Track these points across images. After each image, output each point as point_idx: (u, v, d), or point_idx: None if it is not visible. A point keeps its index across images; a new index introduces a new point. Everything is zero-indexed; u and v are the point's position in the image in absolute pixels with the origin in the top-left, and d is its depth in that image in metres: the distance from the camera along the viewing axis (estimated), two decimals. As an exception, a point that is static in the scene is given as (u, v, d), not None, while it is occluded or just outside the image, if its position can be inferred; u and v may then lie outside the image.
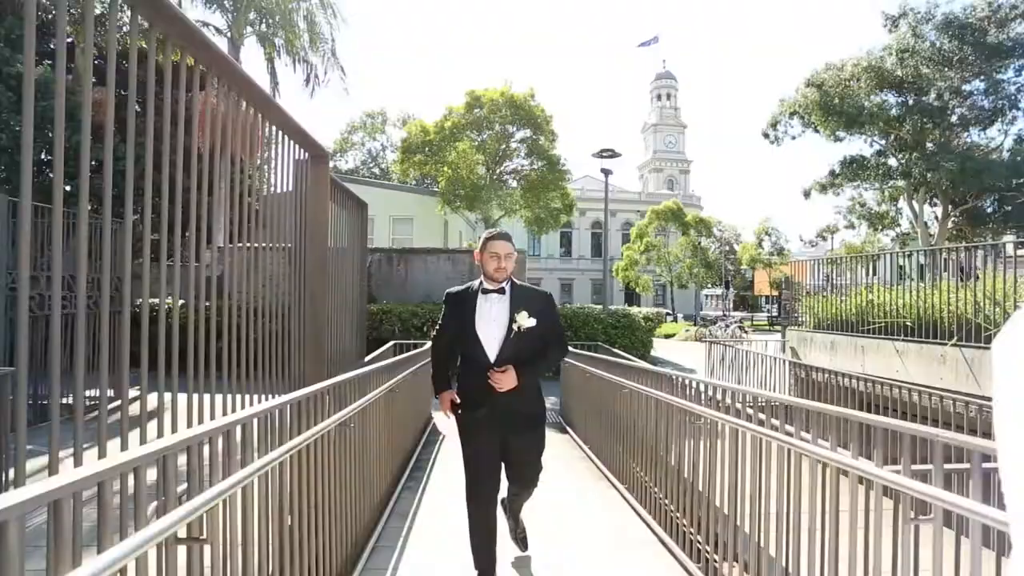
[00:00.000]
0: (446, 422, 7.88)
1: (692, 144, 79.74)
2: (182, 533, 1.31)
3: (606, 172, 12.66)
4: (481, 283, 2.88)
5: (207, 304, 2.63)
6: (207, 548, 1.36)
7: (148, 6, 2.06)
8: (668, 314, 38.90)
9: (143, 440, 1.73)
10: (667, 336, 26.68)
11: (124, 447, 1.89)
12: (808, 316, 9.25)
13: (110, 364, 2.97)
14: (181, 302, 2.42)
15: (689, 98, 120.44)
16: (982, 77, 23.79)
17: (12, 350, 6.32)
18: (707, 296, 53.96)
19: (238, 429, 1.72)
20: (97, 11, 13.96)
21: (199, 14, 14.34)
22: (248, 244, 3.12)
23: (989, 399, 4.01)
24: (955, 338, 6.18)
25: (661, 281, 41.19)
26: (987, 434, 5.19)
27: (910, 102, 24.23)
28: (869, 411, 3.45)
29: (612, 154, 12.47)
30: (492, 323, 2.80)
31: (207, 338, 2.59)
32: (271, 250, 3.45)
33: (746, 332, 24.23)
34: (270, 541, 2.01)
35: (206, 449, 1.56)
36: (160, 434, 2.17)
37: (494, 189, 16.36)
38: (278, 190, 3.42)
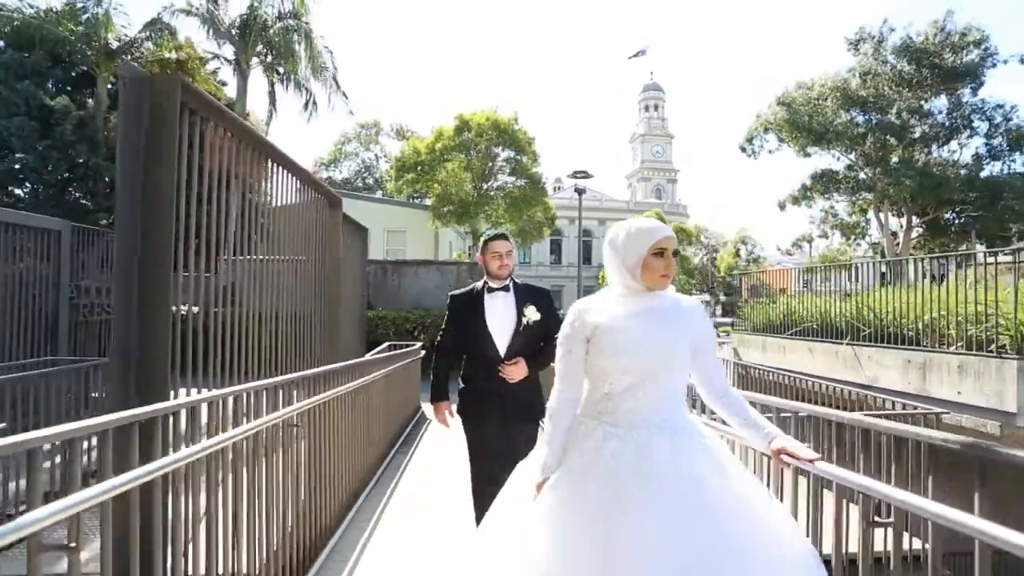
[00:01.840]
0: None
1: (679, 154, 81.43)
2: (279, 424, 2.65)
3: (580, 191, 14.10)
4: (485, 283, 3.04)
5: (218, 310, 3.92)
6: (301, 431, 2.71)
7: (212, 118, 3.39)
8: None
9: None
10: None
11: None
12: (748, 321, 10.67)
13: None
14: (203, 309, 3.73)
15: (676, 109, 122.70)
16: (946, 95, 25.32)
17: (77, 346, 7.60)
18: (703, 302, 55.37)
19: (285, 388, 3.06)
20: (115, 45, 15.28)
21: (211, 47, 15.73)
22: (283, 258, 4.45)
23: (868, 386, 5.66)
24: (848, 338, 7.58)
25: (646, 288, 42.57)
26: (865, 409, 6.54)
27: (873, 120, 25.76)
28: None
29: (585, 175, 13.93)
30: (500, 319, 2.95)
31: (259, 335, 3.90)
32: (300, 270, 4.78)
33: (718, 335, 25.54)
34: (315, 456, 3.34)
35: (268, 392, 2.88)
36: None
37: (481, 204, 17.87)
38: (307, 230, 4.75)
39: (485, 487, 2.83)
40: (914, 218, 26.65)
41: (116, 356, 2.17)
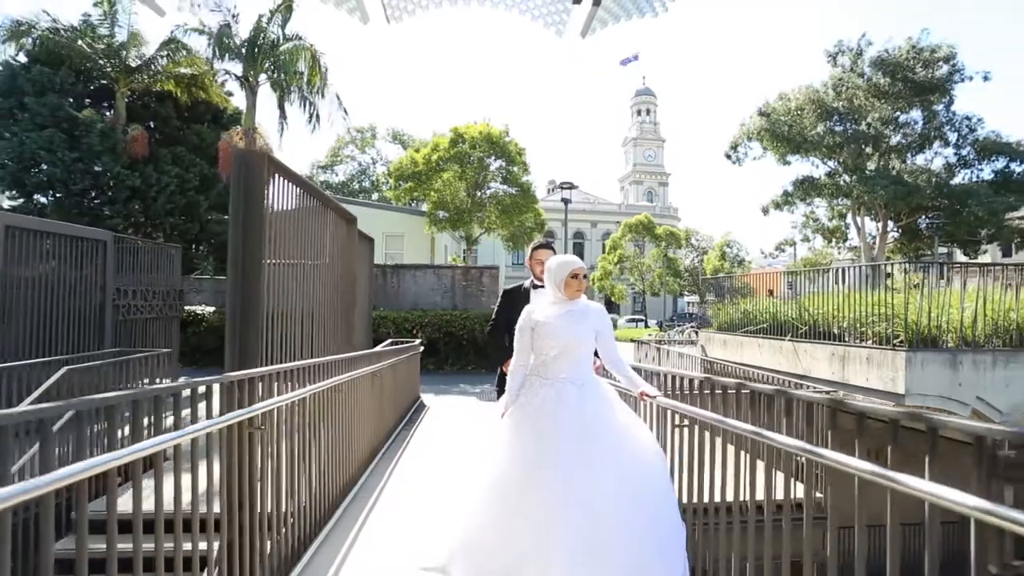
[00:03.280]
0: (434, 400, 10.35)
1: (670, 157, 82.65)
2: (328, 389, 3.79)
3: (566, 201, 15.28)
4: (532, 282, 3.88)
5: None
6: (344, 395, 3.84)
7: (282, 176, 4.51)
8: (640, 320, 41.61)
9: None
10: (632, 340, 29.32)
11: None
12: (714, 320, 11.86)
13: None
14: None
15: (669, 113, 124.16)
16: (921, 107, 26.58)
17: (118, 341, 8.68)
18: (688, 303, 56.73)
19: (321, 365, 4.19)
20: (136, 63, 16.32)
21: (223, 63, 16.82)
22: (313, 262, 5.57)
23: (804, 376, 7.02)
24: (789, 335, 8.77)
25: (636, 289, 43.93)
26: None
27: (849, 130, 27.02)
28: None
29: (571, 186, 15.14)
30: None
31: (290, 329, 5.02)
32: (325, 277, 5.90)
33: (698, 335, 26.65)
34: (344, 421, 4.46)
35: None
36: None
37: (474, 211, 19.06)
38: (332, 244, 5.88)
39: None
40: (889, 223, 27.90)
41: (230, 337, 3.30)
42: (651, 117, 69.35)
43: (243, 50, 16.35)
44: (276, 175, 3.74)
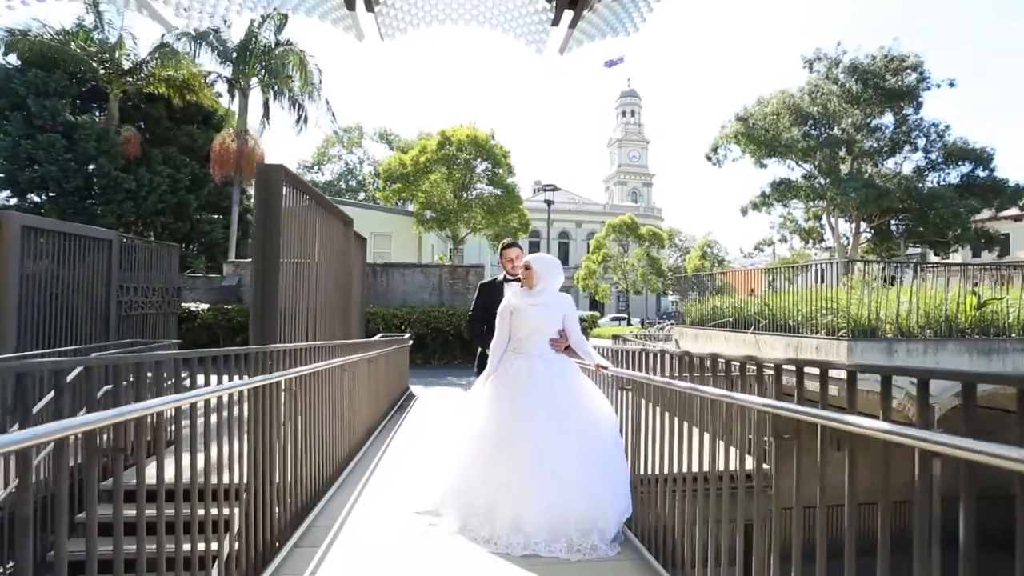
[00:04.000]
0: (422, 391, 10.95)
1: (654, 158, 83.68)
2: (341, 365, 4.39)
3: (549, 203, 15.95)
4: (504, 276, 4.38)
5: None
6: (348, 375, 4.45)
7: (295, 186, 5.10)
8: (623, 319, 42.49)
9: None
10: (614, 337, 30.08)
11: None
12: (686, 316, 12.59)
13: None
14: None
15: (653, 114, 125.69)
16: (891, 113, 27.64)
17: (122, 334, 9.16)
18: (672, 302, 57.71)
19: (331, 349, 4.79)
20: (127, 65, 16.68)
21: (213, 66, 17.25)
22: (315, 260, 6.15)
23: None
24: (751, 328, 9.50)
25: (620, 288, 44.78)
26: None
27: (823, 135, 27.99)
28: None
29: (554, 188, 15.81)
30: None
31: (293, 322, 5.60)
32: (326, 273, 6.48)
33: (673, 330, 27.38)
34: (349, 400, 5.05)
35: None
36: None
37: (460, 212, 19.70)
38: (332, 244, 6.47)
39: None
40: (862, 224, 28.93)
41: (253, 322, 3.89)
42: (636, 118, 70.19)
43: (234, 55, 16.78)
44: (287, 184, 4.34)
